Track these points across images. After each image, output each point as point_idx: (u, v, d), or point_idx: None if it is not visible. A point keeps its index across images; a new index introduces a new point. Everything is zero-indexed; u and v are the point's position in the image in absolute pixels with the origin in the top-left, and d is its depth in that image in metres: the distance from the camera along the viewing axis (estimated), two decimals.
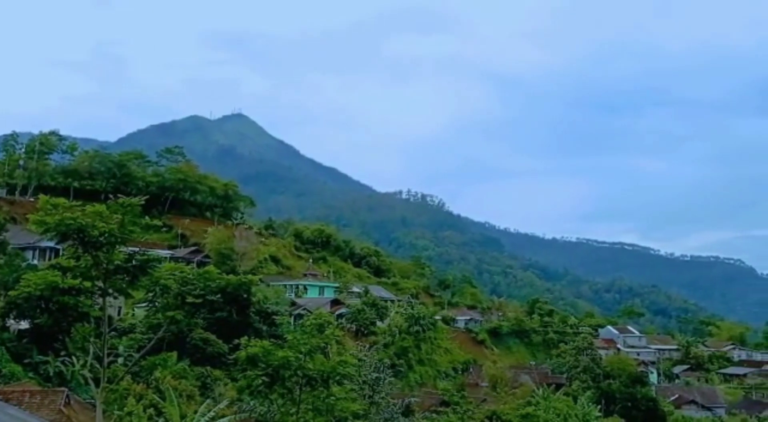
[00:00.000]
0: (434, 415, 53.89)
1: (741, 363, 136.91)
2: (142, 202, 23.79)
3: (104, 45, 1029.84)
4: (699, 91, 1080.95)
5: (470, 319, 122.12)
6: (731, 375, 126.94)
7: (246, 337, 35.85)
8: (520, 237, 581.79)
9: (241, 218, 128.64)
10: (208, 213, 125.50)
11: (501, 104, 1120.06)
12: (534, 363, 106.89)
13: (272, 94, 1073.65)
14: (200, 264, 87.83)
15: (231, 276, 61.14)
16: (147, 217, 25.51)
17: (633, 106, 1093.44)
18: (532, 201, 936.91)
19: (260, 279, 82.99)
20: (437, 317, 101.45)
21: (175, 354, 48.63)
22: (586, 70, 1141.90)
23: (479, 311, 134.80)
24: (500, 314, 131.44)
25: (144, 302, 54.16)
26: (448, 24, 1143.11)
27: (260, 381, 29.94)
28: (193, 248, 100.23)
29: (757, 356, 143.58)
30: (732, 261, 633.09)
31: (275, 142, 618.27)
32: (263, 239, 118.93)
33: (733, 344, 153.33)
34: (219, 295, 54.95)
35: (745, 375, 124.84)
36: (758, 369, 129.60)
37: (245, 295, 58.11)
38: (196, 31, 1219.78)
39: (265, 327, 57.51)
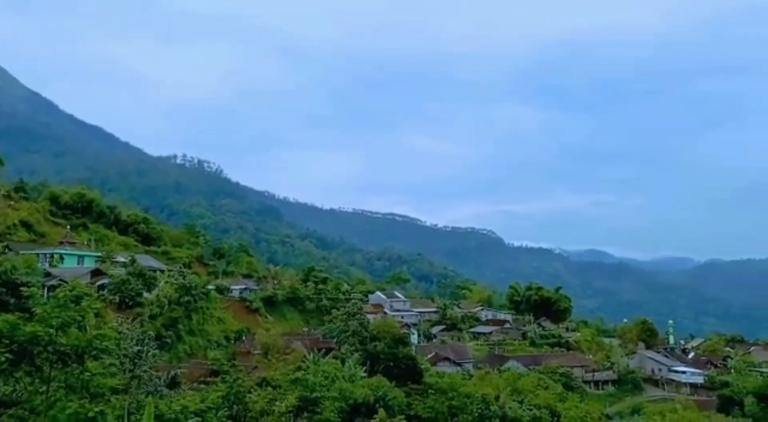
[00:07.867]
0: (203, 386, 52.87)
1: (488, 322, 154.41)
2: None
3: None
4: (469, 77, 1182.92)
5: (245, 288, 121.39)
6: (479, 334, 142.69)
7: None
8: (300, 207, 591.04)
9: None
10: None
11: (285, 74, 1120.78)
12: (307, 329, 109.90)
13: (27, 41, 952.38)
14: None
15: None
16: None
17: (412, 86, 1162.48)
18: (313, 172, 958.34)
19: (7, 247, 74.40)
20: (210, 286, 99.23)
21: None
22: (372, 49, 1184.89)
23: (255, 280, 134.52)
24: (276, 282, 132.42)
25: None
26: None
27: (3, 359, 27.32)
28: None
29: (501, 315, 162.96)
30: (485, 232, 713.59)
31: (29, 93, 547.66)
32: (12, 202, 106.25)
33: (482, 306, 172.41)
34: None
35: (490, 333, 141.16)
36: (501, 327, 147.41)
37: None
38: None
39: (12, 300, 51.43)
